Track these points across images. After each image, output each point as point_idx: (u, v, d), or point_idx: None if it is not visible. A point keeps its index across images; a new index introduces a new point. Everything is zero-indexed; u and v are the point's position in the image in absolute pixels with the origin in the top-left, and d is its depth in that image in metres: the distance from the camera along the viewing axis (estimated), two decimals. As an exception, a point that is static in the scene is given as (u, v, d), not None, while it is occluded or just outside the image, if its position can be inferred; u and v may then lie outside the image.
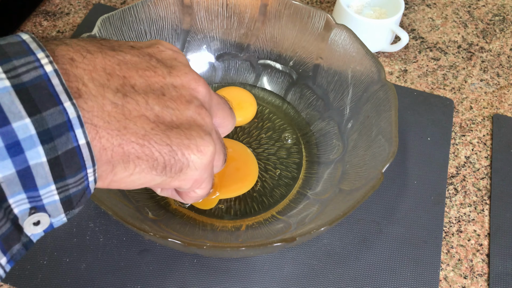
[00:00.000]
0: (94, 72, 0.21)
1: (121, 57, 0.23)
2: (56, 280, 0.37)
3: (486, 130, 0.50)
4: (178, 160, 0.23)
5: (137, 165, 0.22)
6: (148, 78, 0.23)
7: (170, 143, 0.23)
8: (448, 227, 0.43)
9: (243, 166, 0.43)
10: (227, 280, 0.38)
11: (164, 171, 0.23)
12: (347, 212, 0.32)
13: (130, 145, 0.21)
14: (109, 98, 0.21)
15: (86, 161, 0.20)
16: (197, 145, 0.24)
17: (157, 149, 0.22)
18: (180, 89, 0.24)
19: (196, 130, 0.24)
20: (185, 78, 0.25)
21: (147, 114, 0.22)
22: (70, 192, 0.20)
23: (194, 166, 0.24)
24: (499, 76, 0.55)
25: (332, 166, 0.43)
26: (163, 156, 0.23)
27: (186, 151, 0.23)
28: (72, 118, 0.19)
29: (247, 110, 0.46)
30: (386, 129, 0.38)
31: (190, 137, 0.23)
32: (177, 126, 0.23)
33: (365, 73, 0.42)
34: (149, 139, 0.22)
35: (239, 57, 0.49)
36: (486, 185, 0.46)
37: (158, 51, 0.25)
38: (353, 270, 0.40)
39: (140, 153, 0.22)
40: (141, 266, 0.39)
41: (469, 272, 0.40)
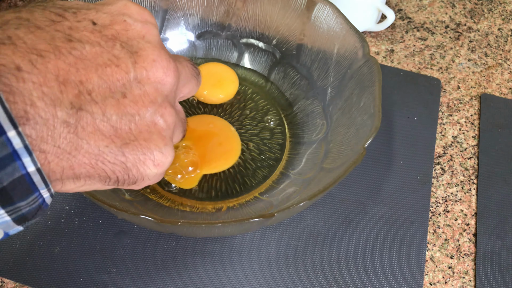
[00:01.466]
0: (45, 84, 0.18)
1: (78, 51, 0.20)
2: (29, 264, 0.36)
3: (474, 109, 0.49)
4: (132, 176, 0.22)
5: (88, 181, 0.21)
6: (108, 77, 0.20)
7: (125, 160, 0.21)
8: (434, 207, 0.42)
9: (225, 141, 0.42)
10: (207, 262, 0.37)
11: (116, 184, 0.22)
12: (328, 187, 0.30)
13: (81, 166, 0.20)
14: (61, 118, 0.19)
15: (38, 184, 0.19)
16: (154, 160, 0.22)
17: (110, 168, 0.21)
18: (144, 84, 0.21)
19: (155, 141, 0.22)
20: (152, 69, 0.22)
21: (102, 127, 0.20)
22: (23, 211, 0.19)
23: (148, 178, 0.23)
24: (487, 56, 0.54)
25: (315, 146, 0.42)
26: (116, 174, 0.21)
27: (142, 167, 0.22)
28: (18, 149, 0.17)
29: (228, 87, 0.45)
30: (369, 104, 0.36)
31: (147, 151, 0.22)
32: (135, 138, 0.21)
33: (349, 49, 0.41)
34: (102, 159, 0.20)
35: (221, 36, 0.48)
36: (473, 165, 0.45)
37: (124, 29, 0.22)
38: (337, 251, 0.38)
39: (92, 173, 0.21)
40: (117, 249, 0.37)
41: (456, 251, 0.40)
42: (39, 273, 0.36)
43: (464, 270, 0.39)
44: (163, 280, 0.36)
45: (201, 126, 0.42)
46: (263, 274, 0.37)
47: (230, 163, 0.41)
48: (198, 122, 0.43)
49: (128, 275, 0.36)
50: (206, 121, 0.43)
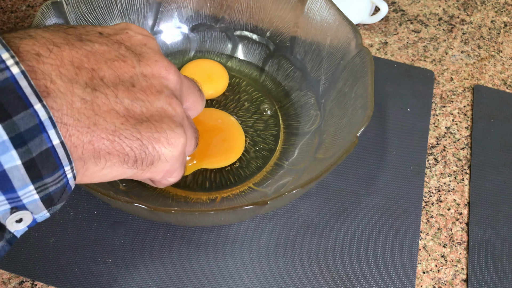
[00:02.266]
0: (62, 67, 0.21)
1: (89, 47, 0.22)
2: (23, 255, 0.36)
3: (467, 101, 0.50)
4: (149, 154, 0.23)
5: (108, 160, 0.22)
6: (117, 69, 0.23)
7: (141, 137, 0.23)
8: (428, 197, 0.42)
9: (230, 139, 0.42)
10: (202, 252, 0.37)
11: (135, 165, 0.23)
12: (320, 175, 0.31)
13: (100, 141, 0.21)
14: (78, 94, 0.21)
15: (62, 160, 0.20)
16: (167, 138, 0.24)
17: (128, 144, 0.22)
18: (150, 78, 0.24)
19: (167, 122, 0.24)
20: (155, 66, 0.24)
21: (116, 108, 0.22)
22: (50, 190, 0.20)
23: (165, 158, 0.24)
24: (480, 48, 0.54)
25: (309, 137, 0.42)
26: (134, 150, 0.23)
27: (156, 144, 0.23)
28: (43, 120, 0.19)
29: (218, 83, 0.45)
30: (362, 94, 0.37)
31: (160, 130, 0.23)
32: (147, 119, 0.23)
33: (342, 40, 0.41)
34: (119, 135, 0.22)
35: (215, 28, 0.48)
36: (466, 155, 0.45)
37: (128, 37, 0.25)
38: (331, 241, 0.39)
39: (110, 149, 0.22)
40: (113, 240, 0.37)
41: (449, 240, 0.40)
42: (34, 264, 0.36)
43: (457, 258, 0.39)
44: (158, 270, 0.36)
45: (209, 120, 0.42)
46: (257, 263, 0.37)
47: (230, 161, 0.41)
48: (208, 115, 0.43)
49: (123, 266, 0.36)
50: (215, 116, 0.43)
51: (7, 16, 0.53)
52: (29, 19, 0.53)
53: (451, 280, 0.38)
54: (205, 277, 0.36)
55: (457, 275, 0.38)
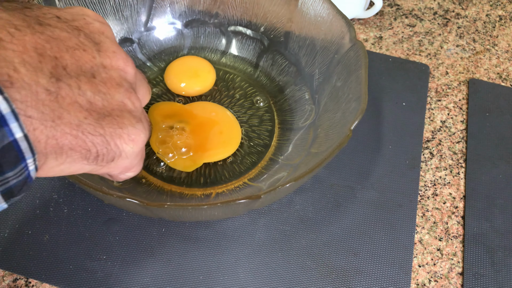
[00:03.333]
0: (25, 53, 0.19)
1: (50, 32, 0.21)
2: (17, 252, 0.36)
3: (462, 94, 0.49)
4: (111, 150, 0.23)
5: (69, 155, 0.21)
6: (78, 58, 0.22)
7: (104, 133, 0.22)
8: (423, 191, 0.42)
9: (226, 130, 0.42)
10: (197, 248, 0.37)
11: (95, 161, 0.22)
12: (314, 169, 0.30)
13: (64, 136, 0.20)
14: (43, 85, 0.19)
15: (25, 152, 0.19)
16: (129, 134, 0.23)
17: (91, 139, 0.21)
18: (109, 70, 0.23)
19: (127, 118, 0.23)
20: (114, 58, 0.24)
21: (79, 100, 0.21)
22: (11, 183, 0.19)
23: (125, 155, 0.24)
24: (475, 42, 0.54)
25: (304, 131, 0.42)
26: (96, 146, 0.22)
27: (119, 140, 0.23)
28: (5, 114, 0.18)
29: (205, 78, 0.45)
30: (356, 88, 0.36)
31: (122, 126, 0.23)
32: (109, 114, 0.22)
33: (336, 34, 0.41)
34: (83, 130, 0.21)
35: (208, 24, 0.48)
36: (461, 149, 0.45)
37: (86, 24, 0.24)
38: (326, 235, 0.39)
39: (74, 145, 0.21)
40: (107, 236, 0.37)
41: (444, 234, 0.40)
42: (28, 261, 0.36)
43: (453, 252, 0.39)
44: (153, 266, 0.36)
45: (203, 113, 0.42)
46: (253, 258, 0.37)
47: (229, 152, 0.41)
48: (201, 109, 0.43)
49: (118, 262, 0.36)
50: (208, 109, 0.43)
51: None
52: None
53: (447, 273, 0.38)
54: (200, 273, 0.36)
55: (453, 268, 0.38)
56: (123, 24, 0.45)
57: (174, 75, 0.45)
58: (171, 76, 0.45)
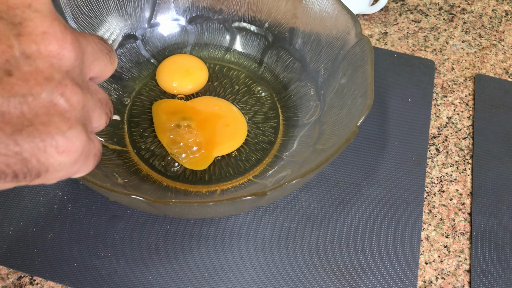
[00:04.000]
0: None
1: None
2: (22, 250, 0.36)
3: (468, 90, 0.49)
4: (33, 168, 0.18)
5: None
6: None
7: (20, 150, 0.17)
8: (430, 187, 0.42)
9: (232, 122, 0.42)
10: (202, 245, 0.37)
11: (15, 180, 0.18)
12: (320, 165, 0.30)
13: None
14: None
15: None
16: (56, 146, 0.18)
17: (3, 160, 0.17)
18: (35, 59, 0.17)
19: (56, 123, 0.18)
20: (43, 41, 0.18)
21: None
22: None
23: (55, 169, 0.19)
24: (481, 37, 0.54)
25: (309, 128, 0.41)
26: (12, 167, 0.17)
27: (42, 156, 0.18)
28: None
29: (197, 76, 0.44)
30: (362, 83, 0.36)
31: (46, 137, 0.18)
32: (30, 123, 0.17)
33: (341, 30, 0.41)
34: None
35: (212, 20, 0.47)
36: (468, 145, 0.45)
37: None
38: (332, 232, 0.38)
39: None
40: (111, 234, 0.37)
41: (451, 231, 0.39)
42: (33, 259, 0.35)
43: (460, 249, 0.39)
44: (158, 264, 0.36)
45: (207, 108, 0.42)
46: (258, 256, 0.37)
47: (238, 144, 0.41)
48: (204, 104, 0.43)
49: (122, 260, 0.36)
50: (211, 103, 0.43)
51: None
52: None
53: (454, 270, 0.37)
54: (205, 271, 0.36)
55: (460, 266, 0.38)
56: (127, 21, 0.45)
57: (165, 74, 0.44)
58: (162, 75, 0.44)
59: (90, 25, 0.42)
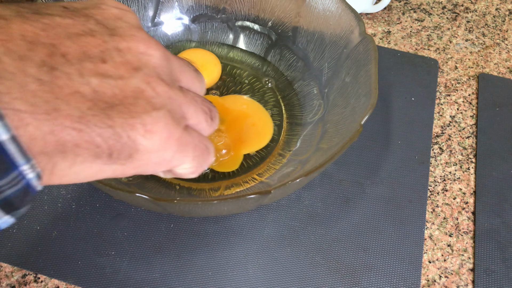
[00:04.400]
0: (11, 41, 0.17)
1: (48, 20, 0.19)
2: (26, 248, 0.36)
3: (472, 89, 0.49)
4: (125, 144, 0.19)
5: (77, 154, 0.18)
6: (83, 44, 0.19)
7: (113, 124, 0.19)
8: (433, 186, 0.42)
9: (258, 121, 0.42)
10: (205, 243, 0.37)
11: (111, 158, 0.19)
12: (324, 164, 0.30)
13: (64, 131, 0.17)
14: (32, 74, 0.17)
15: (16, 158, 0.16)
16: (143, 124, 0.19)
17: (98, 133, 0.18)
18: (125, 53, 0.20)
19: (142, 105, 0.20)
20: (132, 40, 0.20)
21: (82, 90, 0.18)
22: (6, 194, 0.17)
23: (145, 149, 0.20)
24: (485, 36, 0.54)
25: (312, 126, 0.41)
26: (106, 140, 0.19)
27: (132, 132, 0.19)
28: None
29: (211, 71, 0.45)
30: (365, 82, 0.36)
31: (135, 115, 0.19)
32: (120, 102, 0.19)
33: (344, 29, 0.41)
34: (87, 122, 0.18)
35: (216, 19, 0.47)
36: (471, 144, 0.45)
37: (98, 11, 0.21)
38: (335, 231, 0.38)
39: (78, 140, 0.18)
40: (115, 232, 0.37)
41: (455, 230, 0.39)
42: (37, 257, 0.36)
43: (463, 247, 0.39)
44: (162, 262, 0.36)
45: (235, 107, 0.43)
46: (261, 254, 0.37)
47: (265, 142, 0.42)
48: (232, 103, 0.44)
49: (126, 258, 0.36)
50: (239, 102, 0.44)
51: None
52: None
53: (457, 269, 0.37)
54: (209, 269, 0.36)
55: (463, 264, 0.38)
56: (130, 19, 0.45)
57: None
58: None
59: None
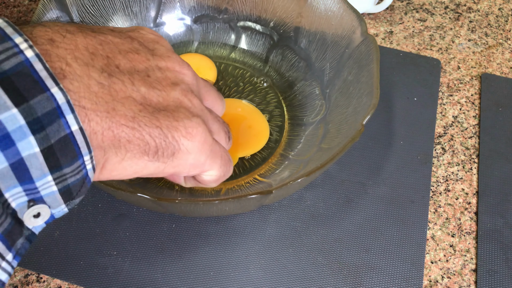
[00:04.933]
0: (77, 51, 0.20)
1: (103, 37, 0.22)
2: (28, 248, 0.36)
3: (474, 89, 0.49)
4: (169, 143, 0.23)
5: (129, 150, 0.21)
6: (131, 59, 0.23)
7: (160, 125, 0.22)
8: (435, 187, 0.42)
9: (254, 123, 0.42)
10: (207, 243, 0.37)
11: (156, 156, 0.22)
12: (325, 164, 0.30)
13: (120, 128, 0.21)
14: (95, 78, 0.20)
15: (82, 148, 0.19)
16: (185, 127, 0.23)
17: (148, 131, 0.22)
18: (165, 71, 0.24)
19: (183, 112, 0.23)
20: (169, 61, 0.24)
21: (133, 95, 0.21)
22: (69, 182, 0.19)
23: (186, 149, 0.23)
24: (487, 36, 0.54)
25: (314, 127, 0.41)
26: (154, 139, 0.22)
27: (176, 133, 0.23)
28: (61, 104, 0.18)
29: (206, 75, 0.45)
30: (367, 82, 0.36)
31: (178, 119, 0.23)
32: (164, 108, 0.23)
33: (346, 29, 0.41)
34: (138, 121, 0.21)
35: (217, 19, 0.47)
36: (474, 144, 0.45)
37: (140, 35, 0.25)
38: (337, 231, 0.38)
39: (131, 137, 0.21)
40: (117, 232, 0.37)
41: (457, 230, 0.39)
42: (39, 257, 0.36)
43: (466, 248, 0.38)
44: (164, 262, 0.36)
45: (230, 110, 0.43)
46: (263, 254, 0.37)
47: (262, 144, 0.42)
48: (227, 106, 0.43)
49: (128, 258, 0.36)
50: (234, 105, 0.44)
51: (10, 11, 0.53)
52: (32, 13, 0.53)
53: (460, 270, 0.37)
54: (210, 269, 0.36)
55: (466, 265, 0.37)
56: (132, 20, 0.45)
57: None
58: None
59: (96, 25, 0.42)
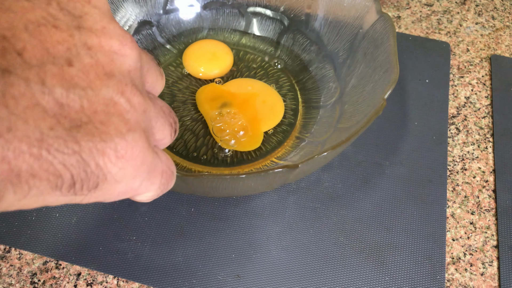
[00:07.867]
0: None
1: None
2: (46, 235, 0.35)
3: (485, 71, 0.49)
4: (92, 174, 0.15)
5: (33, 186, 0.14)
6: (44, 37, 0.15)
7: (79, 149, 0.15)
8: (452, 166, 0.42)
9: (267, 98, 0.42)
10: (227, 226, 0.37)
11: (72, 190, 0.15)
12: (350, 138, 0.30)
13: (20, 158, 0.14)
14: None
15: None
16: (116, 150, 0.16)
17: (61, 160, 0.15)
18: (97, 52, 0.16)
19: (116, 124, 0.16)
20: (104, 35, 0.16)
21: (43, 102, 0.14)
22: None
23: (113, 178, 0.16)
24: (494, 19, 0.54)
25: (330, 108, 0.41)
26: (70, 170, 0.15)
27: (101, 159, 0.16)
28: None
29: (224, 60, 0.44)
30: (385, 59, 0.36)
31: (105, 138, 0.16)
32: (89, 119, 0.15)
33: (359, 9, 0.40)
34: (48, 146, 0.14)
35: (227, 6, 0.47)
36: (488, 124, 0.45)
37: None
38: (357, 211, 0.38)
39: (35, 169, 0.14)
40: (135, 218, 0.37)
41: (476, 208, 0.39)
42: (57, 244, 0.35)
43: (486, 225, 0.38)
44: (184, 245, 0.35)
45: (241, 90, 0.43)
46: (284, 236, 0.36)
47: (280, 115, 0.42)
48: (237, 86, 0.43)
49: (148, 242, 0.35)
50: (244, 85, 0.43)
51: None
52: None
53: (481, 246, 0.37)
54: (232, 251, 0.35)
55: (487, 242, 0.37)
56: (142, 7, 0.44)
57: (193, 59, 0.44)
58: (189, 60, 0.44)
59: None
